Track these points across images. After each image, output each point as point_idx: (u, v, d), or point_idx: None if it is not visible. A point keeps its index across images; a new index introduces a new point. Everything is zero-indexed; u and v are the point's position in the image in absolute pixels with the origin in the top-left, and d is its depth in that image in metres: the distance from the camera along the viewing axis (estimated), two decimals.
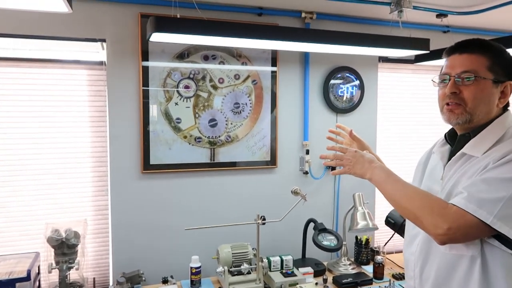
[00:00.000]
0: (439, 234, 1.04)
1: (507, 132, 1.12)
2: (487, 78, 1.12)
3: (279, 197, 2.50)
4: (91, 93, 2.20)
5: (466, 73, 1.13)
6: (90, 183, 2.24)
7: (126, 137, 2.21)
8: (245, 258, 2.18)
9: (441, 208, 1.06)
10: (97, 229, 2.27)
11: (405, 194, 1.14)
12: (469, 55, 1.14)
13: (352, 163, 1.28)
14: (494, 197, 0.99)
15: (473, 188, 1.03)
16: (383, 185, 1.20)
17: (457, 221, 1.02)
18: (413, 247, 1.25)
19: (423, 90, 2.90)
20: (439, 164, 1.26)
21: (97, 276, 2.26)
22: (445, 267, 1.13)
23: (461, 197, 1.04)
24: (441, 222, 1.03)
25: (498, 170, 1.03)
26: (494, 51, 1.15)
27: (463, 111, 1.13)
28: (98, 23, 2.12)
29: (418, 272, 1.22)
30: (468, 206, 1.01)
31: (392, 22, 2.42)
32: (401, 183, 1.18)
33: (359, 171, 1.27)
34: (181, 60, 2.27)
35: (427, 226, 1.07)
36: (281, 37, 1.89)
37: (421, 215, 1.08)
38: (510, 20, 2.64)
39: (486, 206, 0.99)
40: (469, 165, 1.12)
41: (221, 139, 2.38)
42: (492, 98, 1.14)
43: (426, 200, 1.09)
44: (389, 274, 2.34)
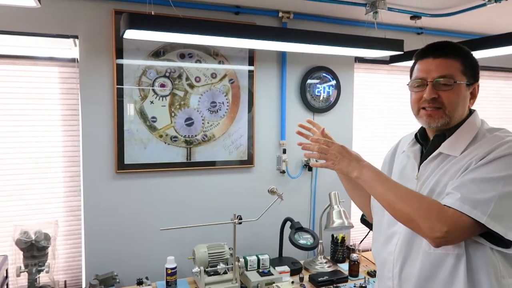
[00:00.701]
0: (437, 237, 1.03)
1: (480, 132, 1.16)
2: (462, 82, 1.15)
3: (256, 197, 2.50)
4: (63, 91, 2.14)
5: (444, 78, 1.13)
6: (61, 184, 2.18)
7: (100, 136, 2.16)
8: (221, 258, 2.17)
9: (438, 211, 1.04)
10: (69, 230, 2.21)
11: (399, 195, 1.10)
12: (445, 59, 1.15)
13: (337, 158, 1.20)
14: (486, 197, 1.01)
15: (464, 189, 1.04)
16: (373, 185, 1.15)
17: (454, 224, 1.02)
18: (391, 246, 1.23)
19: (397, 90, 2.95)
20: (411, 163, 1.27)
21: (68, 279, 2.20)
22: (429, 266, 1.13)
23: (454, 199, 1.04)
24: (440, 226, 1.01)
25: (483, 170, 1.05)
26: (464, 55, 1.18)
27: (442, 115, 1.15)
28: (70, 19, 2.06)
29: (397, 272, 1.20)
30: (463, 207, 1.01)
31: (368, 23, 2.46)
32: (393, 183, 1.14)
33: (345, 168, 1.19)
34: (157, 58, 2.23)
35: (423, 229, 1.04)
36: (258, 36, 1.89)
37: (418, 218, 1.05)
38: (480, 23, 2.71)
39: (480, 206, 1.01)
40: (448, 165, 1.14)
41: (198, 138, 2.36)
42: (466, 101, 1.18)
43: (422, 203, 1.07)
44: (364, 271, 2.38)
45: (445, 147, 1.17)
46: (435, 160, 1.18)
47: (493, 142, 1.09)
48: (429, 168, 1.19)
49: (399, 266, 1.20)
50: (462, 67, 1.15)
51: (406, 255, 1.18)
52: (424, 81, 1.16)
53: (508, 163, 1.03)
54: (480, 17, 2.50)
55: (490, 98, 3.31)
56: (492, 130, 1.16)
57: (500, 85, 3.35)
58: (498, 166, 1.04)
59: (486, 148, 1.08)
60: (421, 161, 1.23)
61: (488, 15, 2.44)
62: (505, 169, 1.03)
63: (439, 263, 1.11)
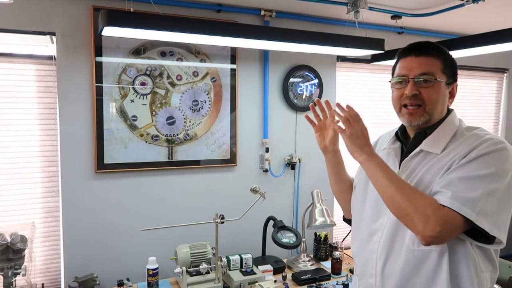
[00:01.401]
0: (428, 235, 1.03)
1: (458, 130, 1.18)
2: (442, 80, 1.18)
3: (239, 196, 2.49)
4: (40, 89, 2.09)
5: (425, 75, 1.16)
6: (39, 184, 2.12)
7: (79, 136, 2.12)
8: (204, 258, 2.15)
9: (434, 208, 1.04)
10: (47, 232, 2.16)
11: (401, 188, 1.10)
12: (426, 58, 1.17)
13: (356, 134, 1.19)
14: (474, 194, 1.03)
15: (453, 188, 1.06)
16: (378, 173, 1.14)
17: (448, 223, 1.03)
18: (373, 244, 1.24)
19: (379, 89, 2.98)
20: (392, 160, 1.28)
21: (46, 282, 2.15)
22: (412, 262, 1.14)
23: (446, 196, 1.05)
24: (433, 224, 1.02)
25: (468, 168, 1.07)
26: (444, 55, 1.21)
27: (423, 113, 1.17)
28: (46, 15, 2.01)
29: (380, 269, 1.21)
30: (454, 204, 1.03)
31: (349, 22, 2.47)
32: (397, 176, 1.14)
33: (356, 146, 1.19)
34: (137, 56, 2.20)
35: (418, 225, 1.05)
36: (240, 34, 1.87)
37: (413, 213, 1.05)
38: (458, 23, 2.76)
39: (469, 204, 1.02)
40: (430, 162, 1.16)
41: (180, 137, 2.34)
42: (445, 99, 1.21)
43: (421, 199, 1.07)
44: (346, 269, 2.39)
45: (426, 145, 1.19)
46: (417, 157, 1.20)
47: (473, 141, 1.11)
48: (410, 165, 1.20)
49: (381, 263, 1.21)
50: (442, 66, 1.18)
51: (388, 252, 1.19)
52: (406, 78, 1.19)
53: (490, 160, 1.06)
54: (458, 17, 2.55)
55: (468, 97, 3.38)
56: (470, 128, 1.19)
57: (478, 84, 3.43)
58: (481, 164, 1.06)
59: (467, 146, 1.10)
60: (402, 159, 1.25)
61: (466, 15, 2.48)
62: (488, 167, 1.05)
63: (422, 259, 1.13)
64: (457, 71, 1.23)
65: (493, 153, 1.07)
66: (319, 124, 1.42)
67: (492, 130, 3.55)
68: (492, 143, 1.09)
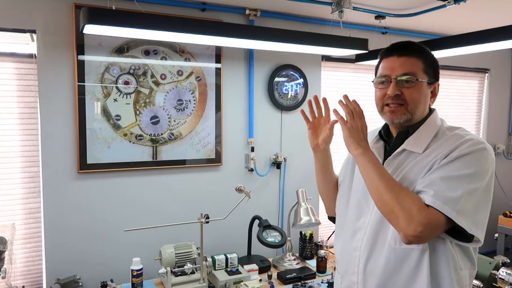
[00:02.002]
0: (411, 234, 1.05)
1: (440, 129, 1.20)
2: (423, 80, 1.19)
3: (225, 195, 2.48)
4: (20, 88, 2.04)
5: (407, 75, 1.17)
6: (19, 185, 2.08)
7: (60, 135, 2.08)
8: (189, 258, 2.14)
9: (418, 207, 1.05)
10: (27, 233, 2.12)
11: (389, 186, 1.10)
12: (408, 58, 1.19)
13: (356, 128, 1.20)
14: (454, 194, 1.05)
15: (435, 187, 1.07)
16: (369, 168, 1.15)
17: (430, 222, 1.04)
18: (356, 242, 1.25)
19: (363, 88, 3.00)
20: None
21: (27, 284, 2.11)
22: (394, 260, 1.15)
23: (428, 195, 1.07)
24: (416, 222, 1.04)
25: (449, 168, 1.08)
26: (426, 55, 1.22)
27: (405, 111, 1.18)
28: (26, 13, 1.97)
29: (362, 267, 1.22)
30: (435, 203, 1.05)
31: (333, 22, 2.49)
32: (388, 174, 1.15)
33: (355, 138, 1.19)
34: (120, 55, 2.17)
35: (401, 223, 1.06)
36: (225, 33, 1.86)
37: (398, 211, 1.07)
38: (441, 24, 2.80)
39: (449, 203, 1.04)
40: (413, 162, 1.17)
41: (164, 137, 2.32)
42: (427, 99, 1.22)
43: (407, 198, 1.08)
44: (331, 267, 2.41)
45: (409, 144, 1.20)
46: (399, 156, 1.21)
47: (454, 141, 1.13)
48: (393, 164, 1.22)
49: (364, 261, 1.22)
50: (423, 66, 1.19)
51: (371, 250, 1.20)
52: (388, 78, 1.20)
53: (470, 161, 1.08)
54: (441, 18, 2.59)
55: (451, 96, 3.43)
56: (451, 128, 1.21)
57: (461, 84, 3.48)
58: (462, 164, 1.08)
59: (448, 146, 1.12)
60: (385, 157, 1.26)
61: (449, 16, 2.52)
62: (469, 167, 1.07)
63: (404, 258, 1.14)
64: (439, 71, 1.25)
65: (473, 154, 1.09)
66: (313, 121, 1.41)
67: (474, 129, 3.62)
68: (472, 144, 1.10)
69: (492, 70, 3.57)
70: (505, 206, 3.49)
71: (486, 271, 1.99)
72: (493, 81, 3.59)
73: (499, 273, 1.98)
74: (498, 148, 3.64)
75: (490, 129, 3.64)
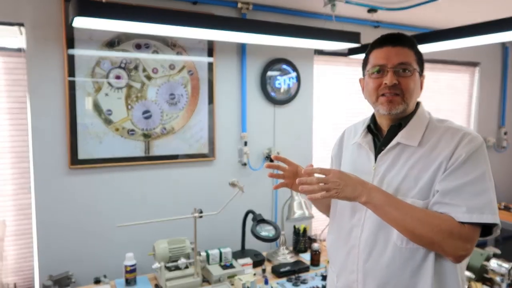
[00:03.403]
0: (461, 255, 1.07)
1: (430, 122, 1.20)
2: (417, 70, 1.19)
3: (218, 190, 2.48)
4: (9, 83, 2.01)
5: (403, 64, 1.16)
6: (9, 181, 2.05)
7: (51, 131, 2.06)
8: (182, 252, 2.13)
9: (457, 229, 1.06)
10: (18, 230, 2.09)
11: (417, 218, 1.07)
12: (402, 48, 1.17)
13: (340, 186, 1.09)
14: (484, 200, 1.07)
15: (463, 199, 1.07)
16: (386, 209, 1.10)
17: (473, 238, 1.07)
18: (353, 239, 1.22)
19: (355, 82, 3.00)
20: (365, 154, 1.27)
21: (19, 281, 2.09)
22: (399, 259, 1.14)
23: (461, 212, 1.06)
24: (462, 244, 1.06)
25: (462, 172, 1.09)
26: (416, 47, 1.22)
27: (401, 101, 1.16)
28: (14, 5, 1.93)
29: (361, 265, 1.20)
30: (472, 217, 1.06)
31: (326, 15, 2.48)
32: (407, 206, 1.10)
33: (350, 194, 1.10)
34: (111, 48, 2.14)
35: (447, 250, 1.07)
36: (217, 26, 1.85)
37: (440, 241, 1.06)
38: (433, 17, 2.82)
39: (486, 210, 1.06)
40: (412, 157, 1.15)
41: (156, 132, 2.30)
42: (419, 90, 1.22)
43: (442, 224, 1.06)
44: (325, 260, 2.42)
45: (403, 137, 1.18)
46: (394, 150, 1.19)
47: (452, 136, 1.13)
48: (388, 159, 1.19)
49: (363, 259, 1.19)
50: (415, 57, 1.20)
51: (371, 248, 1.18)
52: (384, 67, 1.17)
53: (479, 158, 1.10)
54: (432, 11, 2.60)
55: (442, 90, 3.45)
56: (440, 121, 1.21)
57: (451, 78, 3.51)
58: (473, 164, 1.10)
59: (450, 143, 1.12)
60: (377, 152, 1.23)
61: (440, 9, 2.53)
62: (480, 165, 1.10)
63: (409, 257, 1.13)
64: (424, 64, 1.24)
65: (478, 150, 1.11)
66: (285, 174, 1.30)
67: (464, 122, 3.65)
68: (472, 139, 1.12)
69: (483, 63, 3.60)
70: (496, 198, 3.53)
71: (477, 263, 2.02)
72: (483, 74, 3.62)
73: (490, 264, 2.00)
74: (488, 141, 3.68)
75: (481, 123, 3.68)
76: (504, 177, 3.78)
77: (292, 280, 2.15)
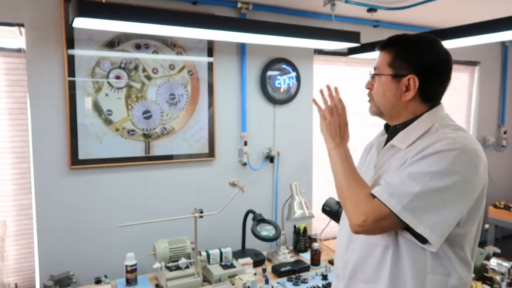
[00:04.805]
0: (355, 224, 1.09)
1: (432, 127, 1.13)
2: (384, 74, 1.17)
3: (218, 190, 2.48)
4: (9, 83, 2.01)
5: (375, 69, 1.21)
6: (10, 181, 2.06)
7: (51, 131, 2.06)
8: (183, 252, 2.13)
9: (365, 198, 1.08)
10: (19, 230, 2.10)
11: (348, 179, 1.15)
12: (383, 52, 1.20)
13: (335, 124, 1.23)
14: (407, 189, 1.02)
15: (391, 180, 1.07)
16: (338, 161, 1.20)
17: (373, 213, 1.04)
18: (344, 230, 1.28)
19: (355, 82, 3.01)
20: (373, 152, 1.31)
21: (20, 281, 2.09)
22: (364, 252, 1.18)
23: (379, 187, 1.08)
24: (359, 213, 1.07)
25: (414, 165, 1.06)
26: (399, 46, 1.16)
27: (372, 105, 1.23)
28: (14, 6, 1.93)
29: (342, 254, 1.27)
30: (382, 195, 1.05)
31: (325, 15, 2.48)
32: (351, 168, 1.18)
33: (330, 133, 1.23)
34: (111, 49, 2.15)
35: (348, 214, 1.12)
36: (217, 26, 1.85)
37: (348, 202, 1.12)
38: (432, 17, 2.82)
39: (397, 196, 1.03)
40: (394, 156, 1.17)
41: (156, 132, 2.30)
42: (392, 92, 1.16)
43: (359, 190, 1.11)
44: (325, 260, 2.42)
45: (396, 140, 1.19)
46: (389, 151, 1.21)
47: (434, 138, 1.08)
48: (383, 159, 1.22)
49: (343, 249, 1.26)
50: (390, 59, 1.16)
51: (349, 239, 1.24)
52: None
53: (438, 159, 1.03)
54: (432, 11, 2.60)
55: None
56: (445, 126, 1.14)
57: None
58: (428, 162, 1.03)
59: (425, 143, 1.08)
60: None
61: (440, 9, 2.53)
62: (434, 165, 1.02)
63: (370, 251, 1.16)
64: (418, 64, 1.13)
65: (444, 152, 1.02)
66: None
67: (464, 122, 3.65)
68: (448, 143, 1.04)
69: (482, 63, 3.60)
70: (495, 197, 3.54)
71: (477, 261, 2.02)
72: (483, 74, 3.63)
73: (490, 263, 2.00)
74: (488, 140, 3.69)
75: (480, 122, 3.68)
76: (503, 176, 3.79)
77: (292, 280, 2.15)
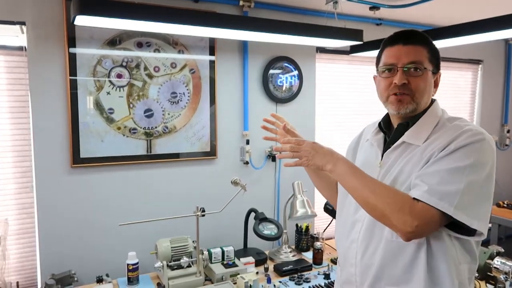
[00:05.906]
0: (408, 232, 1.04)
1: (440, 121, 1.17)
2: (429, 69, 1.17)
3: (220, 188, 2.47)
4: (10, 81, 2.01)
5: (413, 63, 1.14)
6: (11, 180, 2.05)
7: (53, 130, 2.05)
8: (185, 251, 2.13)
9: (409, 205, 1.05)
10: (21, 229, 2.09)
11: (373, 190, 1.10)
12: (414, 46, 1.16)
13: (311, 154, 1.19)
14: (452, 188, 1.02)
15: (431, 181, 1.05)
16: (347, 178, 1.15)
17: (424, 218, 1.03)
18: (354, 234, 1.24)
19: (358, 80, 3.00)
20: (374, 151, 1.28)
21: (22, 280, 2.09)
22: (391, 253, 1.14)
23: (422, 191, 1.05)
24: (411, 220, 1.03)
25: (446, 161, 1.06)
26: (430, 44, 1.19)
27: (411, 101, 1.16)
28: (15, 4, 1.93)
29: (359, 259, 1.21)
30: (430, 200, 1.03)
31: (328, 13, 2.47)
32: (367, 177, 1.14)
33: (319, 162, 1.19)
34: (113, 47, 2.14)
35: (396, 224, 1.06)
36: (219, 24, 1.84)
37: (390, 213, 1.06)
38: (434, 15, 2.80)
39: (446, 198, 1.02)
40: (411, 154, 1.15)
41: (158, 130, 2.29)
42: (431, 88, 1.20)
43: (396, 198, 1.08)
44: (327, 259, 2.41)
45: (408, 136, 1.18)
46: (398, 148, 1.19)
47: (453, 132, 1.10)
48: (392, 157, 1.20)
49: (361, 253, 1.21)
50: (429, 55, 1.17)
51: (368, 242, 1.19)
52: (394, 67, 1.17)
53: (468, 152, 1.05)
54: (435, 8, 2.58)
55: (445, 88, 3.44)
56: (451, 119, 1.18)
57: (454, 76, 3.49)
58: (460, 156, 1.05)
59: (447, 138, 1.09)
60: (384, 149, 1.24)
61: (442, 7, 2.52)
62: (467, 158, 1.04)
63: (400, 251, 1.13)
64: (440, 61, 1.22)
65: (471, 145, 1.06)
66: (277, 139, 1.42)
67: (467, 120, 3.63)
68: (471, 134, 1.07)
69: (486, 61, 3.58)
70: (499, 196, 3.52)
71: (481, 261, 2.01)
72: (486, 72, 3.61)
73: (494, 262, 1.99)
74: None
75: (484, 120, 3.66)
76: (507, 175, 3.77)
77: (294, 279, 2.14)
